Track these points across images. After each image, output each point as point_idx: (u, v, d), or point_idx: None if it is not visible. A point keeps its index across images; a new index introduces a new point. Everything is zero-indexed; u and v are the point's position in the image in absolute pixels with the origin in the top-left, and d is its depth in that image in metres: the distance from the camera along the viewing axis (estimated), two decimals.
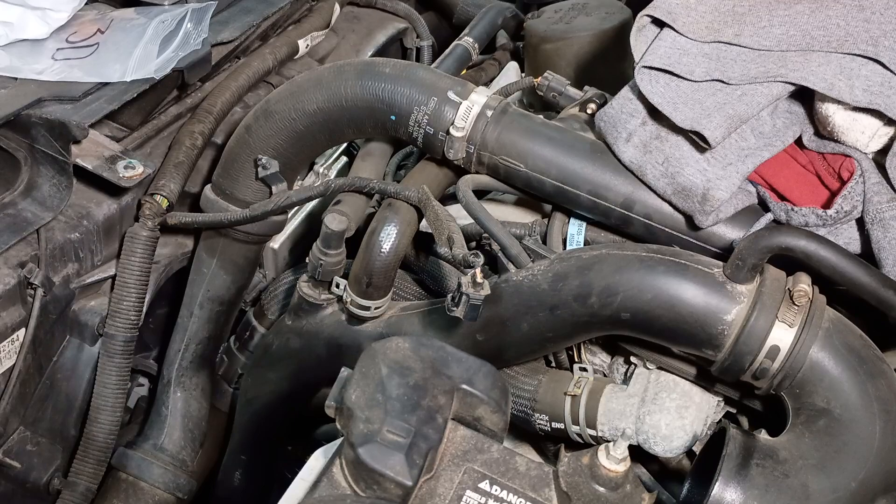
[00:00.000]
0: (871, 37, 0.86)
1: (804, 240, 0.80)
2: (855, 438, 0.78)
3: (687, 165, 0.90)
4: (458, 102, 1.01)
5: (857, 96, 0.84)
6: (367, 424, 0.58)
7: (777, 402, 0.85)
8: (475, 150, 1.01)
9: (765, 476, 0.77)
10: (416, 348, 0.64)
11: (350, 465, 0.58)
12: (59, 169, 1.12)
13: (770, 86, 0.88)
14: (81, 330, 1.20)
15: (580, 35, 1.35)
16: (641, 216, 0.95)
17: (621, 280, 0.85)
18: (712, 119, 0.87)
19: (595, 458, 0.64)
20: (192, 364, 1.31)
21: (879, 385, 0.79)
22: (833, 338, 0.80)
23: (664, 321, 0.84)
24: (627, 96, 0.95)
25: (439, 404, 0.61)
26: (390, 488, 0.57)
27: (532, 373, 1.02)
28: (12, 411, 1.14)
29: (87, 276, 1.19)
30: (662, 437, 0.92)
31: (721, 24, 0.92)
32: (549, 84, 1.17)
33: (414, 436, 0.58)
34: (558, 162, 0.98)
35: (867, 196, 0.86)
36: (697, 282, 0.83)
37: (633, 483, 0.65)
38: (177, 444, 1.29)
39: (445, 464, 0.61)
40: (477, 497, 0.60)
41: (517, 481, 0.61)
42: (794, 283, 0.81)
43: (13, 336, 1.09)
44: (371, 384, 0.60)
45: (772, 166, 0.91)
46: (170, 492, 1.27)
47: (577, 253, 0.92)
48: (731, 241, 0.92)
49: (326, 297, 1.09)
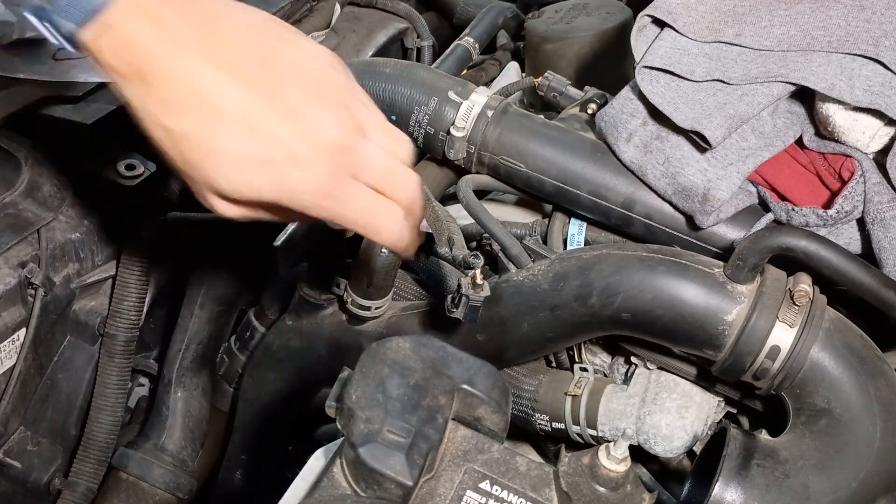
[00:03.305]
0: (871, 37, 0.86)
1: (805, 240, 0.80)
2: (855, 438, 0.78)
3: (687, 165, 0.90)
4: (459, 102, 1.01)
5: (857, 96, 0.84)
6: (368, 424, 0.58)
7: (777, 403, 0.85)
8: (475, 150, 1.01)
9: (765, 476, 0.77)
10: (416, 348, 0.63)
11: (350, 465, 0.58)
12: (60, 169, 1.12)
13: (771, 86, 0.88)
14: (82, 330, 1.21)
15: (581, 35, 1.35)
16: (642, 216, 0.95)
17: (622, 280, 0.85)
18: (713, 119, 0.87)
19: (595, 459, 0.64)
20: (193, 364, 1.31)
21: (880, 385, 0.79)
22: (834, 338, 0.80)
23: (665, 321, 0.84)
24: (628, 96, 0.95)
25: (440, 404, 0.61)
26: (391, 488, 0.57)
27: (532, 373, 1.02)
28: (13, 411, 1.14)
29: (87, 276, 1.19)
30: (663, 438, 0.92)
31: (722, 24, 0.92)
32: (549, 84, 1.17)
33: (414, 436, 0.58)
34: (559, 162, 0.98)
35: (868, 196, 0.86)
36: (698, 282, 0.83)
37: (633, 483, 0.65)
38: (177, 444, 1.30)
39: (446, 464, 0.61)
40: (477, 497, 0.60)
41: (518, 481, 0.61)
42: (795, 283, 0.81)
43: (14, 336, 1.09)
44: (371, 384, 0.60)
45: (772, 166, 0.91)
46: (170, 492, 1.27)
47: (577, 253, 0.92)
48: (732, 241, 0.92)
49: (327, 296, 1.09)
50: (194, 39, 0.59)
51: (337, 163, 0.62)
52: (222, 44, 0.60)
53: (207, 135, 0.59)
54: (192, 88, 0.59)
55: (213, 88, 0.59)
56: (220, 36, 0.60)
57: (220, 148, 0.59)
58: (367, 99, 0.67)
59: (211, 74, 0.59)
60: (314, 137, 0.61)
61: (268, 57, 0.61)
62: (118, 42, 0.58)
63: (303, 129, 0.61)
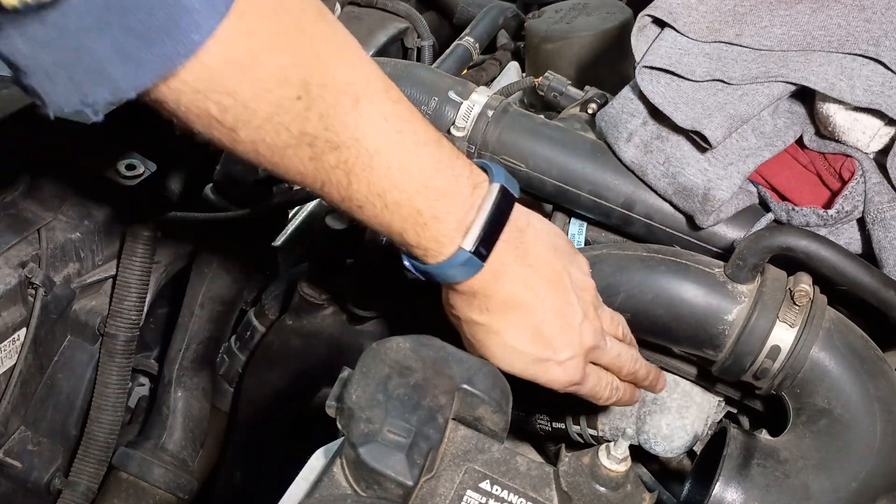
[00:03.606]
0: (872, 37, 0.86)
1: (805, 240, 0.80)
2: (856, 438, 0.78)
3: (688, 165, 0.90)
4: (459, 102, 1.01)
5: (857, 96, 0.84)
6: (368, 424, 0.58)
7: (778, 402, 0.85)
8: (476, 150, 1.01)
9: (765, 476, 0.77)
10: (416, 348, 0.63)
11: (351, 465, 0.58)
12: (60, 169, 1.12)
13: (771, 86, 0.88)
14: (82, 330, 1.21)
15: (581, 35, 1.35)
16: (642, 216, 0.95)
17: (622, 280, 0.85)
18: (713, 119, 0.87)
19: (596, 458, 0.64)
20: (193, 364, 1.31)
21: (880, 385, 0.79)
22: (834, 338, 0.80)
23: (665, 321, 0.84)
24: (628, 96, 0.95)
25: (440, 404, 0.61)
26: (391, 488, 0.57)
27: None
28: (13, 411, 1.14)
29: (87, 276, 1.19)
30: (663, 437, 0.92)
31: (722, 24, 0.92)
32: (549, 84, 1.17)
33: (415, 436, 0.58)
34: (559, 162, 0.98)
35: (868, 196, 0.86)
36: (698, 282, 0.83)
37: (633, 483, 0.64)
38: (177, 444, 1.30)
39: (446, 464, 0.61)
40: (477, 497, 0.60)
41: (518, 481, 0.61)
42: (795, 283, 0.81)
43: (14, 336, 1.09)
44: (371, 384, 0.60)
45: (773, 166, 0.91)
46: (171, 491, 1.27)
47: None
48: (732, 240, 0.92)
49: (327, 296, 1.09)
50: (515, 261, 0.73)
51: (586, 359, 0.77)
52: (532, 267, 0.74)
53: (505, 333, 0.74)
54: (505, 299, 0.73)
55: (521, 302, 0.73)
56: (532, 259, 0.74)
57: (510, 344, 0.74)
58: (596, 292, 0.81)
59: (521, 292, 0.73)
60: (578, 346, 0.76)
61: (559, 275, 0.75)
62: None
63: (572, 340, 0.75)
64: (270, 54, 0.58)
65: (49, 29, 0.51)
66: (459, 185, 0.69)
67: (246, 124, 0.59)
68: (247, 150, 0.62)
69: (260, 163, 0.64)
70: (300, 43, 0.60)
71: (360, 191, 0.65)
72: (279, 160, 0.63)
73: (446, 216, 0.68)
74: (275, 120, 0.60)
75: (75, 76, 0.54)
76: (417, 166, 0.66)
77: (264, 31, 0.58)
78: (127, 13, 0.51)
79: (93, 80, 0.54)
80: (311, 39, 0.61)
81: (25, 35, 0.51)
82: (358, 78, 0.63)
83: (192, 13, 0.53)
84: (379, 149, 0.64)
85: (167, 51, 0.53)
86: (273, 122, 0.60)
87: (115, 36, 0.52)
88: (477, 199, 0.70)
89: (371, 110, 0.64)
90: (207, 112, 0.58)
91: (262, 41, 0.58)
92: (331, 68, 0.62)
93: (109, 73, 0.54)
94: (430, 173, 0.67)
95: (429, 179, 0.67)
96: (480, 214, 0.69)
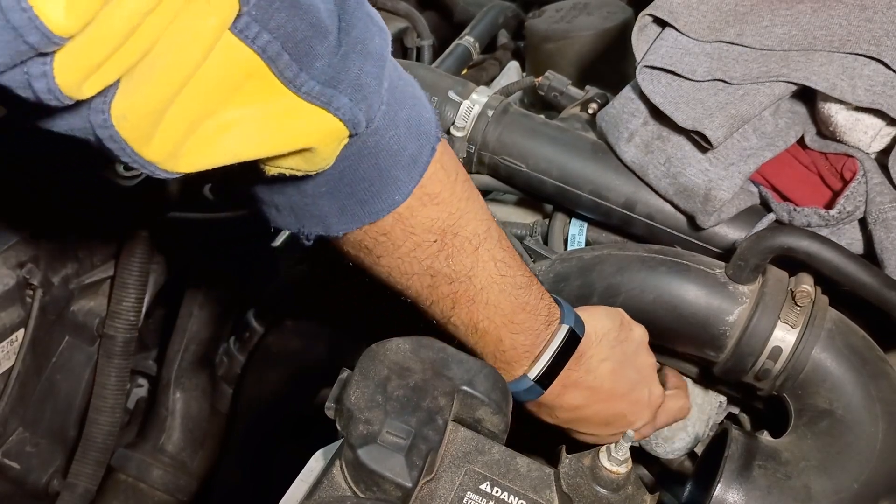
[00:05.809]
0: (873, 37, 0.86)
1: (806, 240, 0.80)
2: (857, 439, 0.78)
3: (689, 165, 0.90)
4: (459, 102, 1.01)
5: (859, 96, 0.84)
6: (367, 426, 0.58)
7: (779, 403, 0.85)
8: (476, 150, 1.01)
9: (767, 477, 0.76)
10: (416, 349, 0.63)
11: (350, 466, 0.58)
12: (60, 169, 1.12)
13: (772, 86, 0.88)
14: (81, 330, 1.20)
15: (581, 34, 1.35)
16: (643, 216, 0.95)
17: (623, 280, 0.85)
18: (714, 119, 0.87)
19: (596, 460, 0.64)
20: (192, 365, 1.30)
21: (882, 386, 0.79)
22: (835, 339, 0.79)
23: (666, 322, 0.84)
24: (629, 96, 0.95)
25: (439, 406, 0.60)
26: (390, 490, 0.57)
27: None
28: (11, 412, 1.13)
29: (86, 277, 1.19)
30: (664, 439, 0.92)
31: (723, 24, 0.92)
32: (550, 83, 1.17)
33: (414, 437, 0.58)
34: (559, 162, 0.98)
35: (870, 196, 0.86)
36: (699, 282, 0.83)
37: (634, 484, 0.64)
38: (176, 446, 1.29)
39: (446, 465, 0.61)
40: (477, 498, 0.60)
41: (518, 483, 0.61)
42: (797, 283, 0.81)
43: (12, 336, 1.09)
44: (371, 385, 0.60)
45: (774, 166, 0.91)
46: (169, 493, 1.27)
47: (578, 253, 0.92)
48: (734, 241, 0.92)
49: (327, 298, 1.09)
50: (577, 382, 0.81)
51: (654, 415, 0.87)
52: (596, 380, 0.81)
53: (578, 426, 0.85)
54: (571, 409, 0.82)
55: (586, 405, 0.83)
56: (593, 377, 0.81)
57: (585, 432, 0.85)
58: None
59: (588, 401, 0.82)
60: (648, 412, 0.86)
61: (623, 375, 0.83)
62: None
63: (643, 413, 0.85)
64: (425, 209, 0.71)
65: (292, 189, 0.67)
66: (537, 322, 0.78)
67: (390, 255, 0.73)
68: (382, 271, 0.75)
69: (387, 282, 0.76)
70: (450, 203, 0.72)
71: (460, 316, 0.77)
72: (406, 283, 0.75)
73: (520, 346, 0.78)
74: (412, 255, 0.73)
75: (300, 218, 0.70)
76: (510, 305, 0.77)
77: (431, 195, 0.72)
78: (354, 184, 0.67)
79: (313, 222, 0.70)
80: (458, 199, 0.73)
81: (275, 189, 0.68)
82: (481, 228, 0.75)
83: (397, 183, 0.68)
84: (484, 286, 0.76)
85: (375, 209, 0.69)
86: (410, 256, 0.73)
87: (341, 199, 0.68)
88: (547, 335, 0.79)
89: (486, 256, 0.75)
90: (363, 243, 0.72)
91: (425, 201, 0.71)
92: (464, 221, 0.74)
93: (328, 221, 0.70)
94: (518, 311, 0.77)
95: (515, 315, 0.77)
96: (546, 352, 0.79)
